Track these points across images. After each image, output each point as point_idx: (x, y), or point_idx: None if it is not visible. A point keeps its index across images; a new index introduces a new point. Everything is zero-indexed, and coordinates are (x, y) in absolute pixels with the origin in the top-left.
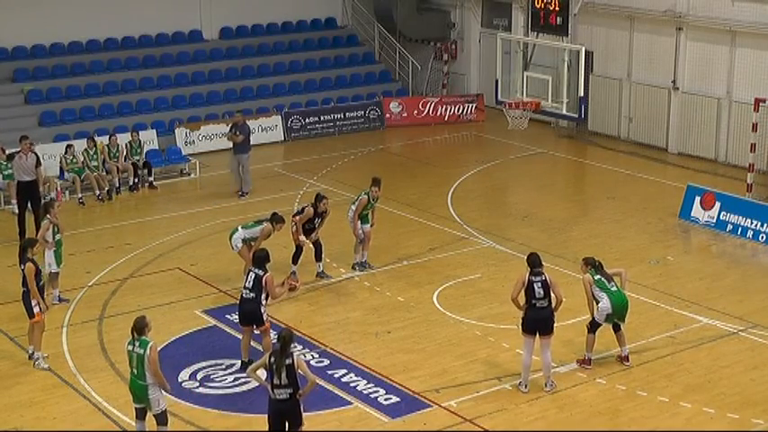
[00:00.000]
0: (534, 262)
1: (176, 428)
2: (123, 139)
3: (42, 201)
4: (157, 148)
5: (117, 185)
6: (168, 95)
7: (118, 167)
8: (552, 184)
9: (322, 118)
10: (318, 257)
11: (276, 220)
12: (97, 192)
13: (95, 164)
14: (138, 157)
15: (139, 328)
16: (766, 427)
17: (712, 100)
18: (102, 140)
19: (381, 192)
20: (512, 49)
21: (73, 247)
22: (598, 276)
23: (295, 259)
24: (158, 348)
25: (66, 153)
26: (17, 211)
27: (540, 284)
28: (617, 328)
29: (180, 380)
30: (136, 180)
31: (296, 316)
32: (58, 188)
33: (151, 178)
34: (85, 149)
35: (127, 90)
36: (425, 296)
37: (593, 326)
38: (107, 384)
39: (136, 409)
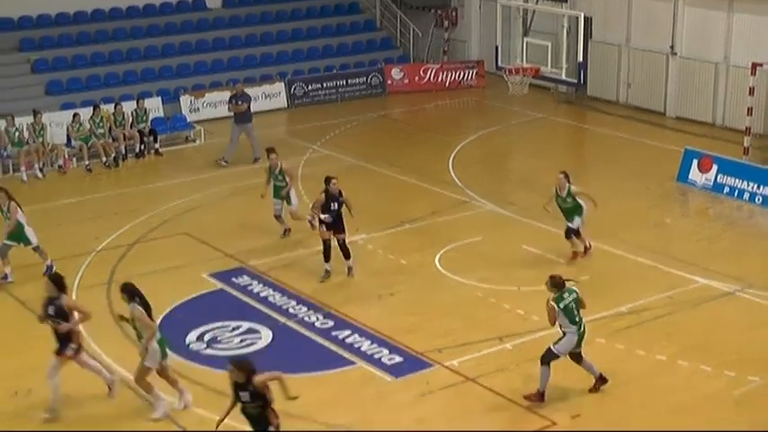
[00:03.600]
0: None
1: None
2: (129, 107)
3: None
4: (163, 115)
5: (123, 152)
6: (173, 64)
7: (124, 135)
8: (552, 149)
9: (324, 85)
10: (346, 256)
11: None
12: (104, 159)
13: (102, 131)
14: (143, 125)
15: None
16: (761, 383)
17: (710, 65)
18: (108, 108)
19: (280, 160)
20: (511, 15)
21: (80, 214)
22: (567, 303)
23: (326, 256)
24: (166, 312)
25: (72, 121)
26: (25, 178)
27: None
28: (579, 359)
29: (188, 342)
30: (142, 147)
31: (300, 278)
32: (66, 155)
33: (157, 145)
34: (92, 117)
35: (132, 59)
36: (427, 259)
37: (551, 357)
38: (116, 346)
39: None
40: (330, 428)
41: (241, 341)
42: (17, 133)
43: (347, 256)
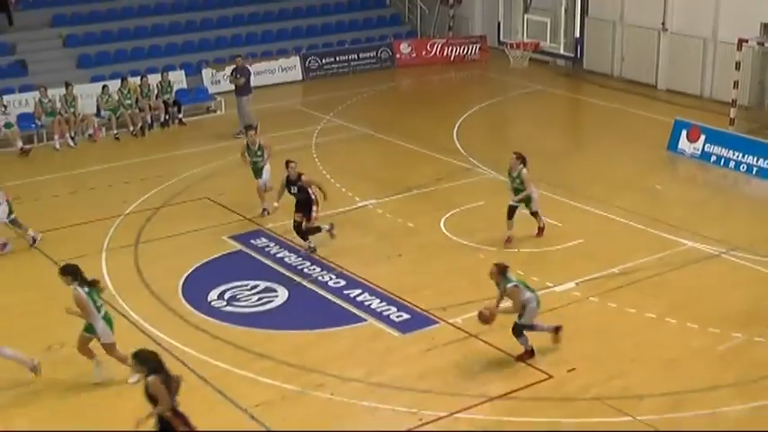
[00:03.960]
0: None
1: (206, 344)
2: (154, 79)
3: None
4: (186, 87)
5: (149, 122)
6: (195, 39)
7: (150, 105)
8: (550, 119)
9: (337, 58)
10: (303, 238)
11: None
12: (131, 128)
13: (129, 102)
14: (168, 96)
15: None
16: (744, 339)
17: (699, 40)
18: (135, 81)
19: (259, 137)
20: None
21: (110, 179)
22: (519, 278)
23: (301, 236)
24: (189, 271)
25: (102, 93)
26: (58, 146)
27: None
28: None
29: (209, 299)
30: (167, 117)
31: (316, 240)
32: (95, 125)
33: (180, 115)
34: (120, 89)
35: (157, 34)
36: (433, 222)
37: (522, 329)
38: (142, 303)
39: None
40: (343, 381)
41: (259, 299)
42: (50, 104)
43: (304, 238)
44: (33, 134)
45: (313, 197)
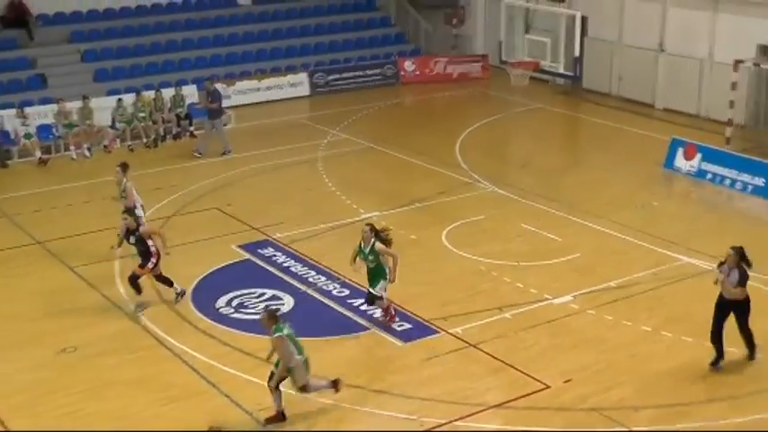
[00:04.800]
0: None
1: (214, 349)
2: (167, 93)
3: None
4: (197, 101)
5: (162, 134)
6: (207, 55)
7: (163, 118)
8: (549, 136)
9: (344, 75)
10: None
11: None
12: (144, 140)
13: (143, 115)
14: (180, 110)
15: None
16: (737, 353)
17: (695, 61)
18: (149, 95)
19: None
20: (514, 13)
21: None
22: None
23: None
24: (199, 279)
25: (117, 106)
26: (75, 156)
27: None
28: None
29: (217, 306)
30: (179, 130)
31: (319, 250)
32: (111, 136)
33: (192, 128)
34: (134, 102)
35: (170, 50)
36: (434, 235)
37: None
38: (154, 309)
39: None
40: (346, 387)
41: (265, 307)
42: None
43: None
44: (51, 145)
45: (153, 249)
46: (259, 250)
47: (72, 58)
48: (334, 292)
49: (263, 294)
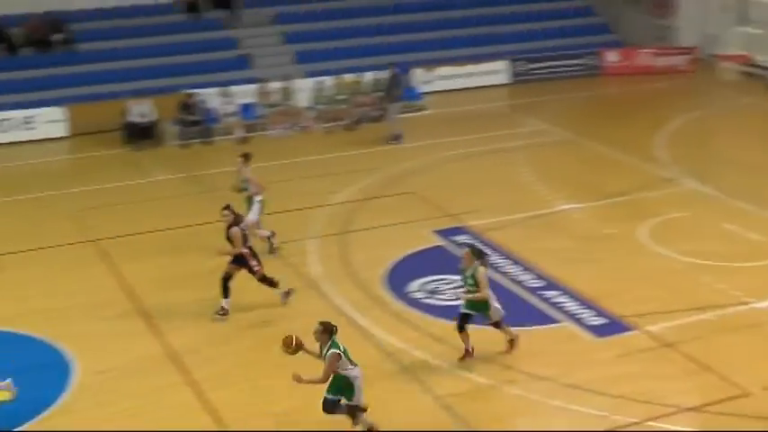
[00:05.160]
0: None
1: (405, 333)
2: (367, 77)
3: None
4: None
5: (361, 117)
6: (408, 40)
7: (362, 101)
8: (760, 133)
9: (544, 64)
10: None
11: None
12: (343, 122)
13: (342, 98)
14: (379, 94)
15: None
16: None
17: None
18: (350, 77)
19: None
20: (727, 4)
21: (319, 170)
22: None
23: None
24: (392, 262)
25: (317, 88)
26: (275, 136)
27: None
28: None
29: (410, 290)
30: (377, 113)
31: (512, 240)
32: (310, 118)
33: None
34: (334, 85)
35: (372, 34)
36: (632, 230)
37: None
38: (346, 290)
39: None
40: (535, 379)
41: (457, 296)
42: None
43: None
44: (252, 124)
45: (245, 250)
46: (453, 237)
47: (275, 39)
48: (528, 283)
49: (455, 281)
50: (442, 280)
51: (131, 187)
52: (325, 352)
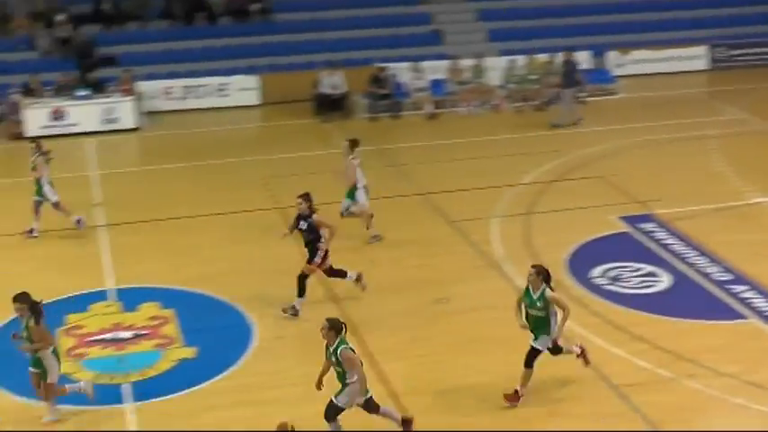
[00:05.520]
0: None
1: (584, 318)
2: (560, 58)
3: None
4: (590, 68)
5: (552, 98)
6: (603, 21)
7: (554, 82)
8: None
9: (748, 50)
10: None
11: None
12: (534, 102)
13: (534, 78)
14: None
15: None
16: None
17: None
18: (542, 58)
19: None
20: None
21: (506, 149)
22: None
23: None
24: (575, 246)
25: (509, 67)
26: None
27: None
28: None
29: (592, 276)
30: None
31: (701, 230)
32: (500, 96)
33: (583, 95)
34: (527, 65)
35: (565, 14)
36: None
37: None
38: (528, 271)
39: None
40: (717, 374)
41: (641, 282)
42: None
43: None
44: (442, 100)
45: (322, 242)
46: (639, 224)
47: (469, 16)
48: (715, 276)
49: (639, 269)
50: (625, 267)
51: (318, 157)
52: (332, 350)
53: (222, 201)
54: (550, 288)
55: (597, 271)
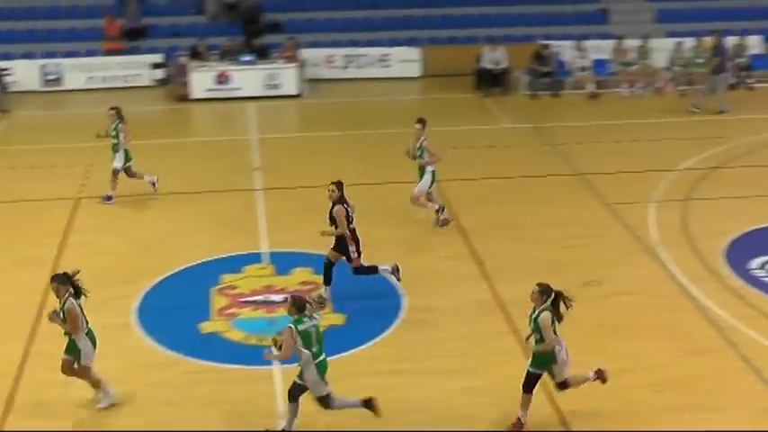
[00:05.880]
0: None
1: (739, 310)
2: (730, 41)
3: None
4: (762, 53)
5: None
6: None
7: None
8: None
9: None
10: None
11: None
12: (697, 87)
13: (701, 61)
14: (741, 59)
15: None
16: None
17: None
18: (709, 40)
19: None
20: None
21: (673, 133)
22: (306, 327)
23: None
24: (735, 236)
25: (676, 49)
26: (626, 94)
27: None
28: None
29: (750, 267)
30: (736, 80)
31: None
32: (665, 79)
33: (751, 80)
34: (694, 47)
35: None
36: None
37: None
38: (682, 258)
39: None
40: None
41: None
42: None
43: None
44: (604, 80)
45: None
46: None
47: None
48: None
49: None
50: None
51: (475, 132)
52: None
53: (375, 171)
54: (558, 312)
55: (756, 262)
